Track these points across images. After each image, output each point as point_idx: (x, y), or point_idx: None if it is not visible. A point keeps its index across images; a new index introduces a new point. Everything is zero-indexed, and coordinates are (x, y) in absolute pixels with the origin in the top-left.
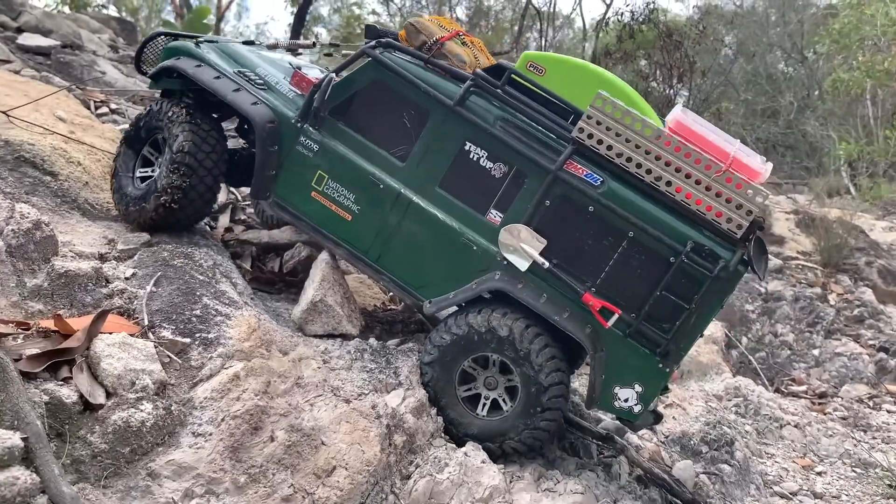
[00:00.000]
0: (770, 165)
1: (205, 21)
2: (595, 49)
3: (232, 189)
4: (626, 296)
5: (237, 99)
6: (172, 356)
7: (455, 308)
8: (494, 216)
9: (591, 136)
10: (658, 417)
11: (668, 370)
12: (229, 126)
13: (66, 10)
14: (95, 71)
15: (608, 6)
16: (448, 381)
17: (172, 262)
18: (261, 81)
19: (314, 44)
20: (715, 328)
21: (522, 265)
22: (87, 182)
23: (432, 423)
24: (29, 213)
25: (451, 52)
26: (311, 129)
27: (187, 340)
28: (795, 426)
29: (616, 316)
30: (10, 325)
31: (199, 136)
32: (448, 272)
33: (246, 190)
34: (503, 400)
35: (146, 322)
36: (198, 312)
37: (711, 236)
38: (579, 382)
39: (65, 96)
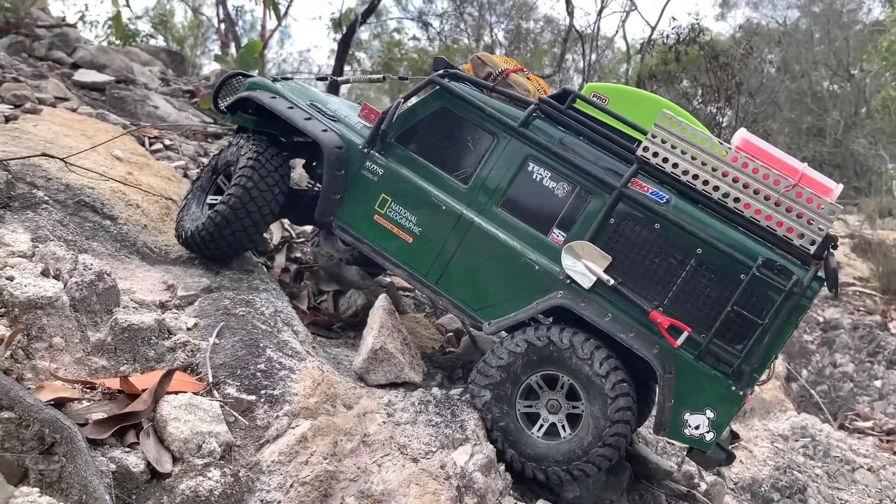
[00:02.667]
0: (841, 186)
1: (255, 56)
2: (640, 71)
3: (287, 227)
4: (695, 315)
5: (308, 126)
6: (238, 416)
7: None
8: (557, 235)
9: (656, 154)
10: (730, 457)
11: (741, 393)
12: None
13: (115, 39)
14: (148, 105)
15: (653, 28)
16: (507, 403)
17: (234, 310)
18: (331, 113)
19: (384, 78)
20: (775, 362)
21: (586, 282)
22: (145, 225)
23: (501, 480)
24: (92, 265)
25: (515, 82)
26: (377, 154)
27: (253, 398)
28: (868, 469)
29: (685, 334)
30: (76, 385)
31: (260, 171)
32: (509, 293)
33: (301, 228)
34: (562, 426)
35: (211, 378)
36: (262, 367)
37: (783, 253)
38: (646, 429)
39: (122, 135)
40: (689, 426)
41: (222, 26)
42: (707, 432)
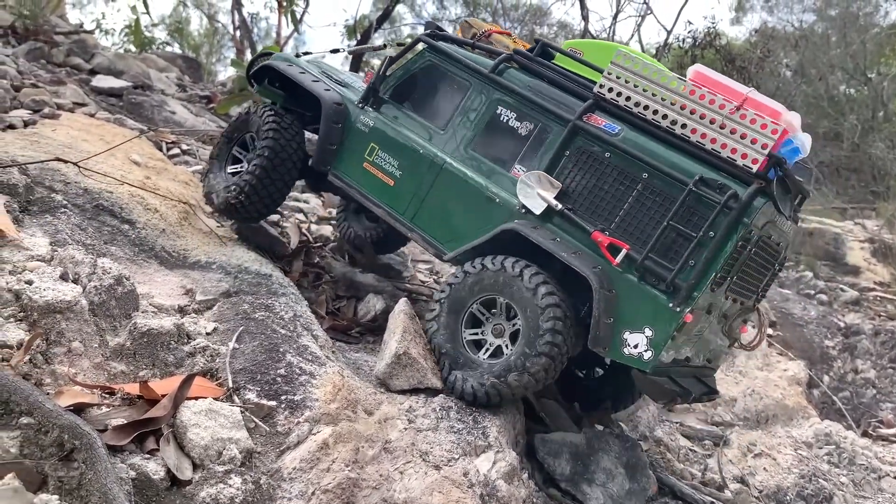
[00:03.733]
0: (798, 116)
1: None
2: None
3: (304, 231)
4: (637, 237)
5: (314, 86)
6: (258, 422)
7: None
8: (518, 171)
9: (611, 90)
10: (687, 393)
11: (678, 310)
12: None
13: (132, 47)
14: (165, 111)
15: (669, 32)
16: (453, 331)
17: (253, 315)
18: (339, 80)
19: (384, 46)
20: (797, 368)
21: (538, 209)
22: (163, 229)
23: (524, 488)
24: (111, 269)
25: (497, 40)
26: (370, 109)
27: (273, 404)
28: (895, 477)
29: (624, 252)
30: (95, 390)
31: (280, 140)
32: (472, 225)
33: (319, 232)
34: (506, 346)
35: (231, 384)
36: (282, 371)
37: (725, 173)
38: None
39: (138, 139)
40: (629, 345)
41: (238, 33)
42: (646, 351)
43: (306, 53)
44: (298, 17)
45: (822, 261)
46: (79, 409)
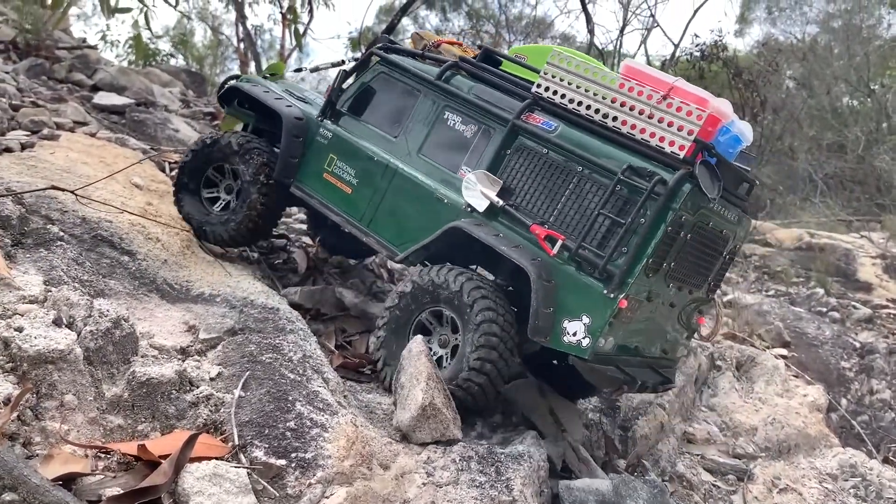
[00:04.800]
0: (728, 104)
1: (279, 75)
2: None
3: (312, 256)
4: (574, 227)
5: (276, 104)
6: (266, 484)
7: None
8: (465, 171)
9: (547, 89)
10: (633, 381)
11: (612, 296)
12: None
13: (135, 59)
14: (169, 129)
15: (676, 46)
16: (403, 332)
17: (260, 357)
18: (301, 97)
19: (343, 62)
20: (817, 393)
21: (481, 206)
22: (165, 260)
23: None
24: (108, 311)
25: (446, 50)
26: (328, 122)
27: (283, 463)
28: None
29: (560, 242)
30: (89, 451)
31: (267, 159)
32: (422, 227)
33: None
34: (446, 357)
35: (236, 440)
36: (292, 424)
37: (654, 160)
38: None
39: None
40: (568, 333)
41: (241, 45)
42: (584, 338)
43: (273, 74)
44: (302, 31)
45: (833, 277)
46: (70, 478)
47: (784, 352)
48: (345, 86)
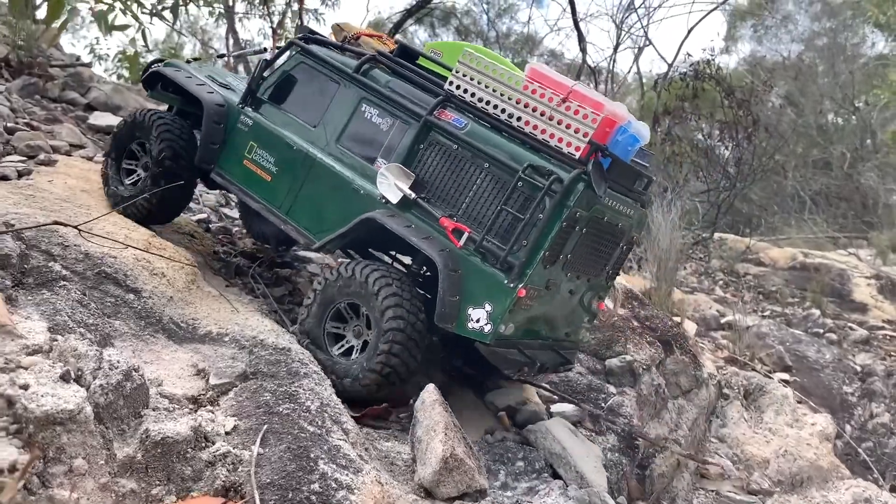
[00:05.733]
0: (623, 106)
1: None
2: (656, 108)
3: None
4: (480, 221)
5: (198, 90)
6: None
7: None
8: (380, 164)
9: (458, 87)
10: (533, 364)
11: (512, 286)
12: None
13: (126, 73)
14: None
15: (670, 65)
16: (318, 321)
17: (277, 408)
18: (224, 83)
19: (265, 49)
20: (825, 422)
21: (394, 198)
22: (171, 297)
23: None
24: (118, 363)
25: (365, 43)
26: (249, 109)
27: None
28: None
29: (466, 235)
30: None
31: (177, 144)
32: (339, 216)
33: None
34: (356, 349)
35: None
36: (316, 487)
37: (553, 160)
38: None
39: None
40: (472, 320)
41: (231, 60)
42: (486, 324)
43: (196, 59)
44: None
45: (828, 297)
46: None
47: (786, 376)
48: (266, 74)
